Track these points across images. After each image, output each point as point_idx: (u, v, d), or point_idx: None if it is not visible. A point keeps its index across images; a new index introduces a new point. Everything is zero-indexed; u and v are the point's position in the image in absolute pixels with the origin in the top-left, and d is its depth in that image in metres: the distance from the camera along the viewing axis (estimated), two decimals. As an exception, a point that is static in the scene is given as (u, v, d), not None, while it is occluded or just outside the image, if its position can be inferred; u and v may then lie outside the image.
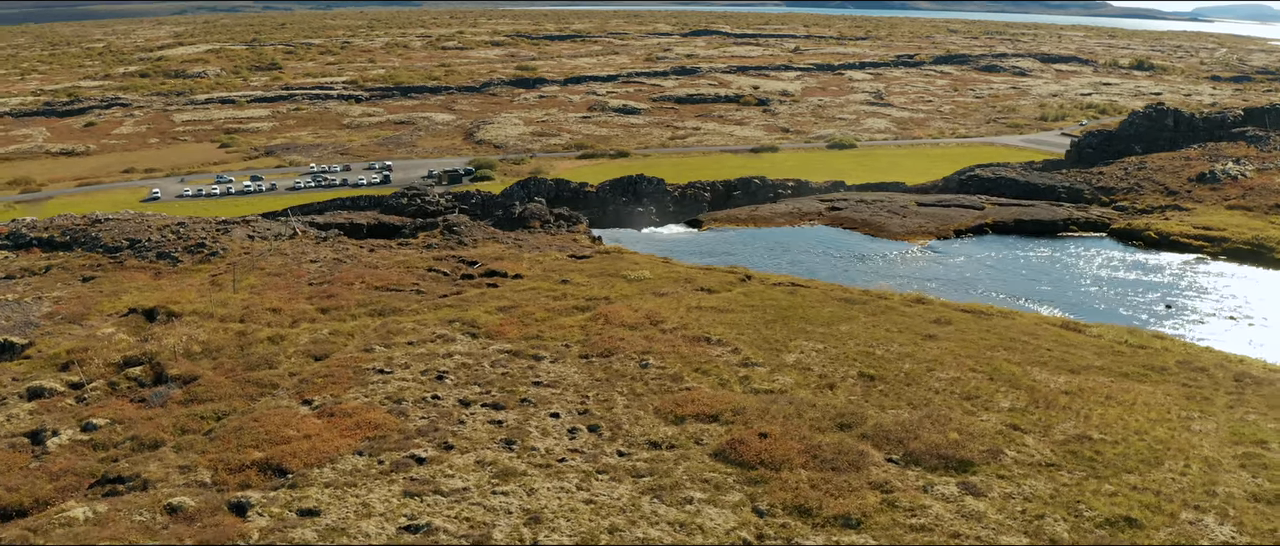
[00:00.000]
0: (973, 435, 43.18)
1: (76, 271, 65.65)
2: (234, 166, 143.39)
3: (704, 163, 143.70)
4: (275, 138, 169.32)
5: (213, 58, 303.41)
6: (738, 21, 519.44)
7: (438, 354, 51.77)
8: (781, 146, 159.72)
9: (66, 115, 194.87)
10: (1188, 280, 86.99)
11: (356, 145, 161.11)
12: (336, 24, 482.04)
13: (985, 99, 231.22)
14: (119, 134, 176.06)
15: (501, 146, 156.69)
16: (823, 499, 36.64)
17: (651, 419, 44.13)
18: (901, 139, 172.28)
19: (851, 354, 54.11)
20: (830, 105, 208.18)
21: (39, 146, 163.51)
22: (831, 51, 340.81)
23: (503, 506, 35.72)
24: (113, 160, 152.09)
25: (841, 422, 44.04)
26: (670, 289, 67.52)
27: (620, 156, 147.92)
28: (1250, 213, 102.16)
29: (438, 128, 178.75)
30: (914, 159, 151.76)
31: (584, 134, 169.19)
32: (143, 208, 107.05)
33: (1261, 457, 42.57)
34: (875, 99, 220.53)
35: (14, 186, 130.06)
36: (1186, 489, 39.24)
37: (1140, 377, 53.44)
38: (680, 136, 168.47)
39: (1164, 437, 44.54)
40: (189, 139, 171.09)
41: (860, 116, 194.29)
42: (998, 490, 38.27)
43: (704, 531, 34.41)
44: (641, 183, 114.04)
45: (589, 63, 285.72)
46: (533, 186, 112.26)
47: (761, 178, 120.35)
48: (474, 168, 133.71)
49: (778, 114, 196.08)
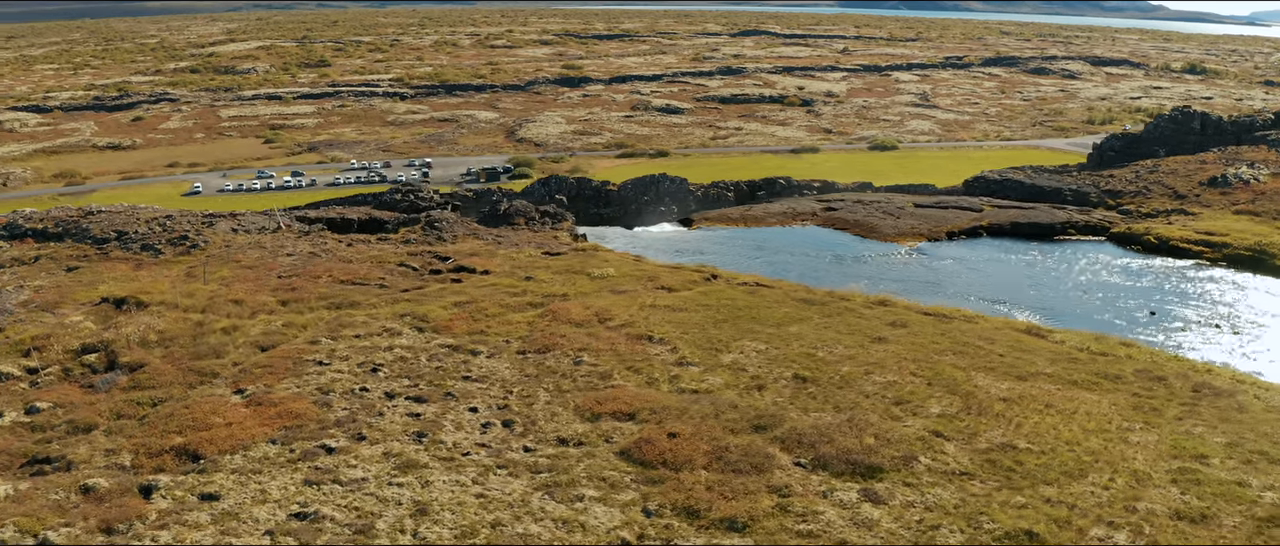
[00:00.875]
0: (891, 441, 42.75)
1: (63, 261, 68.51)
2: (276, 162, 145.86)
3: (741, 162, 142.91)
4: (319, 134, 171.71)
5: (263, 54, 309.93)
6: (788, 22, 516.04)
7: (380, 347, 52.93)
8: (822, 147, 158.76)
9: (115, 110, 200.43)
10: (1180, 286, 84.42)
11: (399, 142, 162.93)
12: (388, 22, 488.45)
13: (1032, 102, 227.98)
14: (166, 128, 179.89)
15: (542, 145, 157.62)
16: (714, 501, 36.71)
17: (568, 416, 44.60)
18: (944, 141, 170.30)
19: (792, 355, 53.86)
20: (875, 106, 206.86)
21: (86, 140, 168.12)
22: (880, 52, 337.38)
23: (394, 498, 36.55)
24: (158, 154, 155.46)
25: (758, 424, 43.96)
26: (630, 287, 67.83)
27: (660, 156, 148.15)
28: (1258, 218, 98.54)
29: (480, 126, 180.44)
30: (955, 161, 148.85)
31: (625, 133, 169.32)
32: (184, 202, 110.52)
33: (1197, 473, 41.42)
34: (920, 100, 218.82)
35: (59, 179, 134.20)
36: (1105, 503, 38.28)
37: (1090, 386, 52.23)
38: (722, 136, 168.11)
39: (1096, 449, 43.56)
40: (234, 134, 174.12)
41: (904, 118, 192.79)
42: (900, 498, 37.88)
43: (585, 529, 34.79)
44: (663, 181, 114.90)
45: (636, 62, 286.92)
46: (555, 184, 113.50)
47: (786, 178, 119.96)
48: (512, 165, 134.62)
49: (821, 115, 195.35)
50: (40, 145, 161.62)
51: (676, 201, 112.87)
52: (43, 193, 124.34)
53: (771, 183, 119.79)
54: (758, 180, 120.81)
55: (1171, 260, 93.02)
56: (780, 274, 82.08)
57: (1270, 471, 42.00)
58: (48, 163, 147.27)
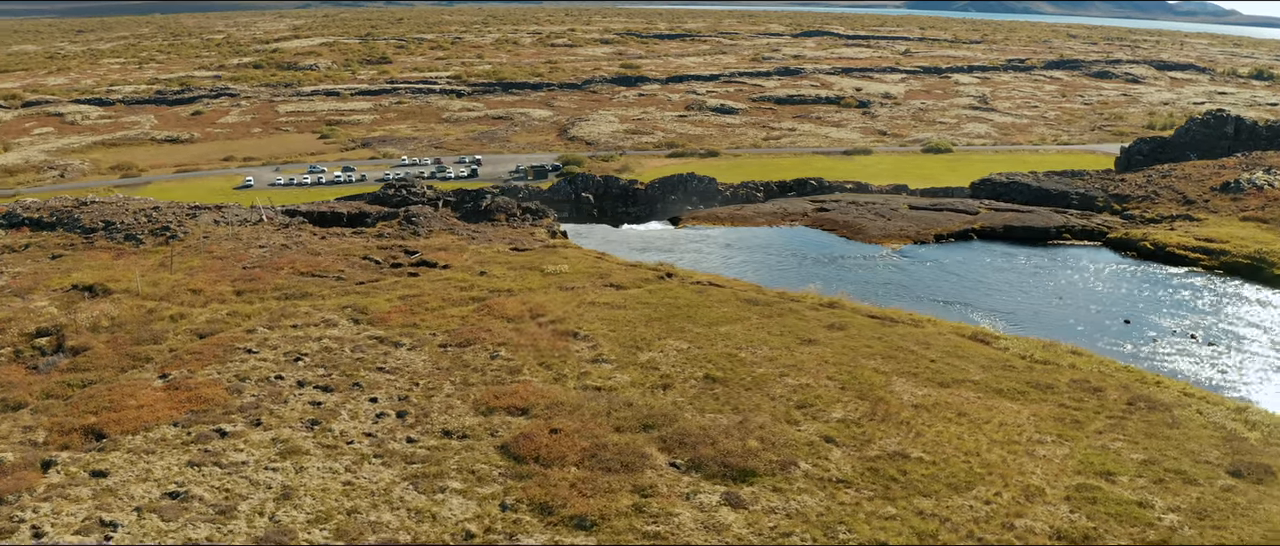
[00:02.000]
0: (775, 445, 42.65)
1: (50, 249, 72.45)
2: (330, 157, 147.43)
3: (790, 163, 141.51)
4: (374, 130, 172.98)
5: (325, 51, 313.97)
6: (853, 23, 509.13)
7: (311, 337, 54.82)
8: (875, 149, 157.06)
9: (176, 103, 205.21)
10: (1165, 294, 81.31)
11: (452, 139, 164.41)
12: (452, 20, 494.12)
13: (1093, 105, 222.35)
14: (224, 123, 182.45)
15: (593, 143, 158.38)
16: (572, 498, 37.27)
17: (463, 409, 45.63)
18: (1000, 145, 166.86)
19: (712, 355, 53.91)
20: (932, 109, 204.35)
21: (145, 133, 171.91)
22: (942, 54, 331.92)
23: (266, 481, 38.08)
24: (214, 148, 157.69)
25: (647, 423, 44.27)
26: (578, 283, 68.54)
27: (710, 156, 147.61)
28: (1266, 225, 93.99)
29: (534, 124, 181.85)
30: (1008, 164, 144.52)
31: (677, 133, 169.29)
32: (235, 195, 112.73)
33: (1097, 491, 40.12)
34: (979, 103, 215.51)
35: (116, 171, 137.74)
36: (981, 519, 37.43)
37: (1016, 395, 51.05)
38: (774, 137, 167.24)
39: (994, 461, 42.65)
40: (291, 129, 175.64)
41: (961, 121, 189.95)
42: (763, 503, 37.81)
43: (435, 520, 35.75)
44: (691, 180, 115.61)
45: (695, 62, 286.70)
46: (581, 182, 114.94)
47: (818, 179, 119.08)
48: (561, 163, 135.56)
49: (877, 116, 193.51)
50: (100, 137, 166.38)
51: (704, 200, 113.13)
52: (98, 184, 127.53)
53: (803, 183, 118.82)
54: (789, 181, 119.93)
55: (1165, 267, 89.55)
56: (748, 274, 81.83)
57: (1181, 492, 40.64)
58: (106, 155, 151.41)
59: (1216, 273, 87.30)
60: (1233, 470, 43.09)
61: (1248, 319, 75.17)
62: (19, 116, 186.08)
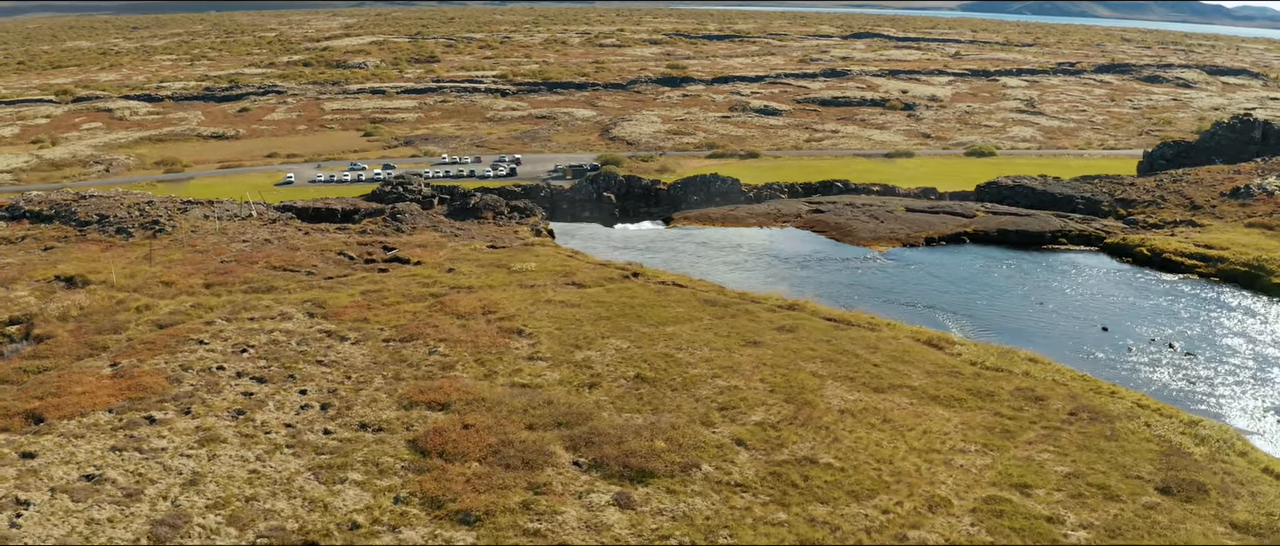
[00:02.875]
0: (683, 446, 42.80)
1: (45, 241, 75.87)
2: (372, 154, 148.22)
3: (830, 165, 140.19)
4: (418, 128, 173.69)
5: (375, 49, 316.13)
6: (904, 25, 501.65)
7: (264, 330, 56.57)
8: (918, 152, 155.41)
9: (224, 100, 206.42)
10: (1153, 301, 78.88)
11: (494, 138, 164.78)
12: (503, 19, 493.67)
13: (1142, 110, 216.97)
14: (270, 120, 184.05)
15: (634, 143, 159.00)
16: (464, 493, 37.96)
17: (388, 403, 46.70)
18: (1045, 148, 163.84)
19: (650, 355, 54.15)
20: (978, 112, 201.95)
21: (192, 129, 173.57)
22: (992, 57, 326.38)
23: (179, 467, 39.57)
24: (259, 145, 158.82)
25: (562, 421, 44.79)
26: (541, 281, 69.31)
27: (750, 157, 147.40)
28: (1271, 231, 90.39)
29: (577, 123, 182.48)
30: (1049, 168, 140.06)
31: (719, 134, 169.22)
32: (276, 192, 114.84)
33: (1007, 505, 39.13)
34: (1026, 107, 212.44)
35: (160, 166, 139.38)
36: (875, 528, 36.83)
37: (952, 403, 50.29)
38: (817, 139, 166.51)
39: (907, 470, 42.14)
40: (336, 127, 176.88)
41: (1007, 124, 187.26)
42: (652, 505, 38.01)
43: (327, 510, 36.76)
44: (715, 181, 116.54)
45: (742, 63, 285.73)
46: (603, 181, 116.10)
47: (844, 181, 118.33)
48: (600, 163, 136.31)
49: (922, 119, 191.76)
50: (147, 133, 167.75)
51: (727, 200, 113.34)
52: (142, 178, 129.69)
53: (828, 184, 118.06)
54: (814, 182, 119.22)
55: (1160, 273, 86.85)
56: (722, 275, 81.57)
57: (1099, 508, 39.61)
58: (152, 150, 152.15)
59: (1212, 280, 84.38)
60: (1163, 486, 41.96)
61: (1232, 328, 72.58)
62: (69, 111, 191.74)
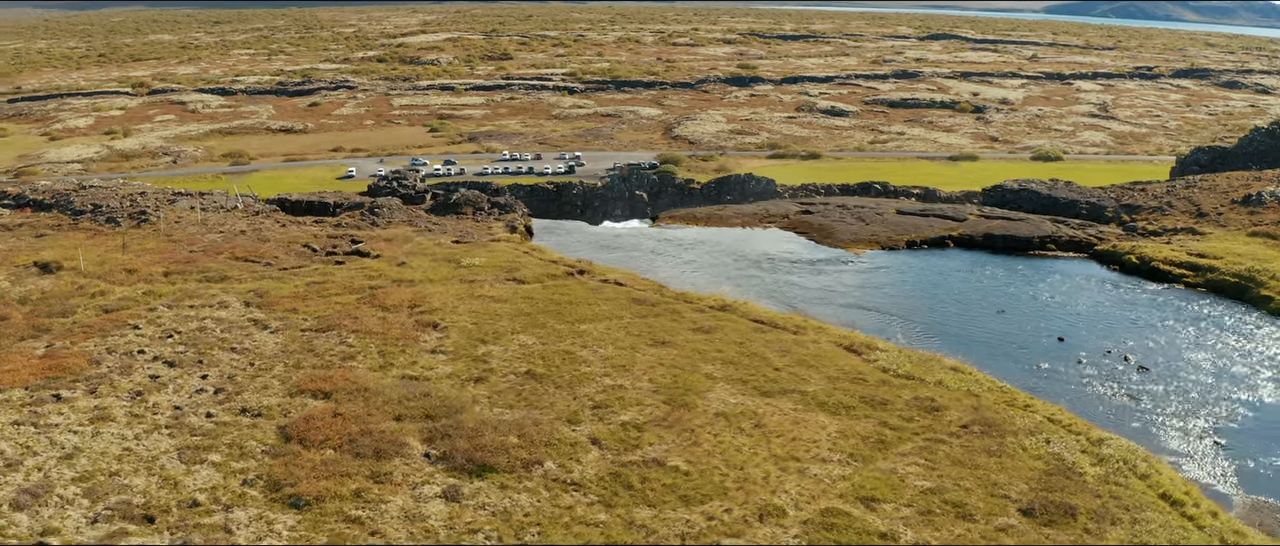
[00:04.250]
0: (536, 443, 43.54)
1: (39, 229, 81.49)
2: (435, 150, 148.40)
3: (891, 167, 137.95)
4: (483, 125, 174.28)
5: (449, 46, 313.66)
6: (984, 27, 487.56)
7: (196, 317, 59.68)
8: (983, 156, 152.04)
9: (295, 95, 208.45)
10: (1125, 312, 75.28)
11: (557, 136, 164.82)
12: (579, 17, 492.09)
13: (1217, 116, 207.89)
14: (339, 114, 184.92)
15: (696, 142, 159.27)
16: (305, 478, 39.51)
17: (278, 389, 48.79)
18: (1115, 154, 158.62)
19: (550, 352, 54.95)
20: (1048, 115, 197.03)
21: (262, 123, 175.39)
22: (1069, 60, 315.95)
23: (62, 442, 42.34)
24: (325, 139, 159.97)
25: (431, 413, 46.03)
26: (483, 277, 70.82)
27: (811, 158, 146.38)
28: (1274, 241, 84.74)
29: (642, 122, 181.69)
30: (1115, 174, 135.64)
31: (783, 134, 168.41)
32: (337, 185, 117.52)
33: (844, 518, 38.41)
34: (1099, 111, 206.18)
35: (227, 158, 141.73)
36: (692, 535, 36.73)
37: (839, 410, 49.44)
38: (881, 141, 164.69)
39: (756, 477, 41.69)
40: (403, 122, 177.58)
41: (1078, 128, 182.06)
42: (479, 499, 38.80)
43: (176, 488, 38.87)
44: (749, 181, 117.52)
45: (814, 63, 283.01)
46: (634, 180, 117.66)
47: (883, 183, 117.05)
48: (659, 162, 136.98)
49: (991, 122, 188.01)
50: (218, 126, 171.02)
51: (761, 200, 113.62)
52: (208, 171, 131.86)
53: (867, 186, 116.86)
54: (852, 184, 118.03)
55: (1145, 282, 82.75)
56: (681, 273, 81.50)
57: (944, 528, 38.55)
58: (220, 143, 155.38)
59: (1198, 291, 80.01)
60: (1027, 508, 40.59)
61: (1202, 343, 68.82)
62: (144, 104, 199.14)
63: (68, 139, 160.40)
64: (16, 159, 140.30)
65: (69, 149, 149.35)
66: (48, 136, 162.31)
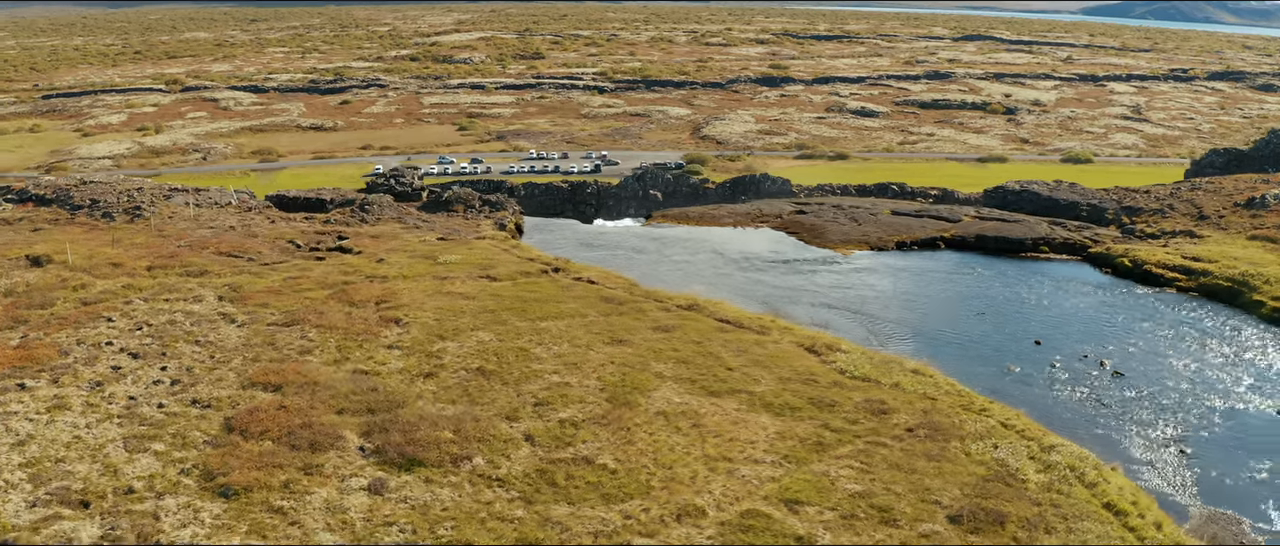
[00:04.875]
0: (471, 438, 43.98)
1: (37, 223, 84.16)
2: (463, 148, 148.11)
3: (919, 168, 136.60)
4: (512, 124, 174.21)
5: (481, 45, 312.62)
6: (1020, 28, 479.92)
7: (169, 310, 61.15)
8: (1012, 157, 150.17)
9: (327, 93, 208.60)
10: (1109, 316, 73.64)
11: (585, 135, 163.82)
12: (614, 17, 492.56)
13: (1252, 119, 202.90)
14: (369, 112, 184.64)
15: (724, 142, 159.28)
16: (239, 468, 40.38)
17: (232, 382, 49.89)
18: (1146, 157, 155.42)
19: (506, 349, 55.38)
20: (1080, 117, 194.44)
21: (292, 120, 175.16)
22: (1103, 62, 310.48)
23: (18, 429, 43.72)
24: (354, 137, 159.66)
25: (374, 408, 46.76)
26: (458, 274, 71.54)
27: (839, 158, 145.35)
28: (1273, 244, 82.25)
29: (670, 121, 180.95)
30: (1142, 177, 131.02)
31: (811, 134, 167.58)
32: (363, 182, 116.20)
33: (764, 520, 38.38)
34: (1132, 113, 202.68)
35: (256, 155, 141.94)
36: (605, 534, 37.03)
37: (784, 411, 49.13)
38: (910, 142, 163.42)
39: (683, 477, 41.71)
40: (432, 120, 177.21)
41: (1109, 131, 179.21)
42: (402, 493, 39.26)
43: (115, 475, 40.01)
44: (764, 181, 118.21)
45: (847, 64, 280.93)
46: (648, 179, 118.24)
47: (900, 184, 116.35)
48: (685, 162, 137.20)
49: (1022, 123, 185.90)
50: (249, 123, 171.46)
51: (776, 200, 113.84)
52: (237, 167, 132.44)
53: (883, 187, 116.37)
54: (868, 185, 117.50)
55: (1137, 286, 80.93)
56: (661, 273, 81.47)
57: (865, 533, 38.33)
58: (251, 140, 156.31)
59: (1190, 294, 78.05)
60: (955, 515, 40.11)
61: (1182, 349, 67.12)
62: (177, 100, 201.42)
63: (100, 135, 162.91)
64: (49, 154, 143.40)
65: (100, 145, 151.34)
66: (80, 132, 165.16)
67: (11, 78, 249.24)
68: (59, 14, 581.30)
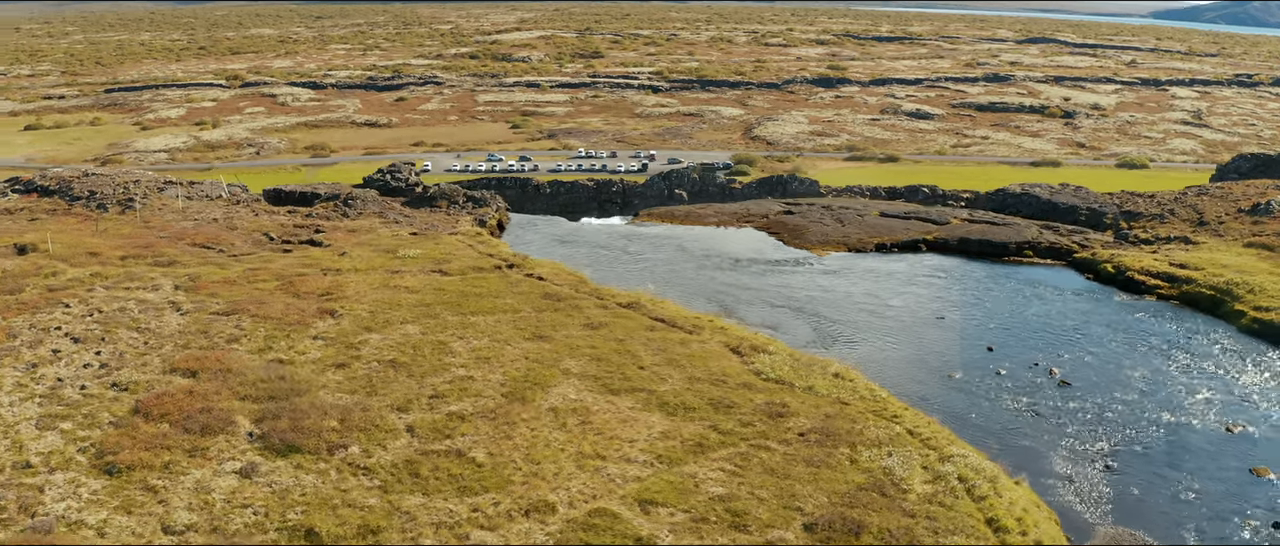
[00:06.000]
0: (355, 427, 45.07)
1: (36, 213, 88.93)
2: (514, 146, 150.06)
3: (971, 172, 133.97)
4: (565, 122, 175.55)
5: (541, 44, 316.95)
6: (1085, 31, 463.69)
7: (125, 298, 64.07)
8: (1066, 162, 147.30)
9: (384, 89, 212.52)
10: (1076, 324, 70.79)
11: (636, 134, 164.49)
12: (676, 17, 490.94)
13: None
14: (424, 110, 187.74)
15: (774, 143, 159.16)
16: (129, 448, 42.20)
17: (156, 366, 52.04)
18: (1203, 162, 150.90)
19: (426, 342, 56.41)
20: (1139, 122, 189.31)
21: (348, 116, 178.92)
22: (1167, 66, 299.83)
23: (-63, 408, 47.14)
24: (408, 133, 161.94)
25: (275, 395, 48.18)
26: (410, 268, 73.02)
27: (889, 161, 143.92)
28: (1270, 252, 77.72)
29: (723, 122, 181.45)
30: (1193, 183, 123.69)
31: (864, 136, 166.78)
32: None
33: (609, 520, 38.40)
34: (1192, 118, 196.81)
35: (309, 151, 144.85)
36: (447, 525, 37.65)
37: (678, 411, 48.90)
38: (964, 145, 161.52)
39: (547, 473, 42.02)
40: (486, 118, 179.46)
41: (1168, 136, 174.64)
42: (270, 478, 40.45)
43: (20, 451, 42.25)
44: (792, 182, 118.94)
45: (906, 66, 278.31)
46: (675, 178, 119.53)
47: (932, 187, 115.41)
48: (733, 162, 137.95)
49: (1079, 127, 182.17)
50: (305, 118, 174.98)
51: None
52: (289, 162, 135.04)
53: (914, 189, 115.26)
54: (899, 187, 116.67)
55: (1116, 293, 77.70)
56: (616, 271, 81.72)
57: (711, 536, 38.09)
58: (305, 135, 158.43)
59: (1170, 302, 74.55)
60: (812, 523, 39.39)
61: (1143, 360, 64.16)
62: (236, 96, 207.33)
63: (158, 129, 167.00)
64: (106, 147, 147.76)
65: (157, 138, 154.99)
66: (139, 126, 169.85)
67: (77, 72, 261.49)
68: (128, 11, 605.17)
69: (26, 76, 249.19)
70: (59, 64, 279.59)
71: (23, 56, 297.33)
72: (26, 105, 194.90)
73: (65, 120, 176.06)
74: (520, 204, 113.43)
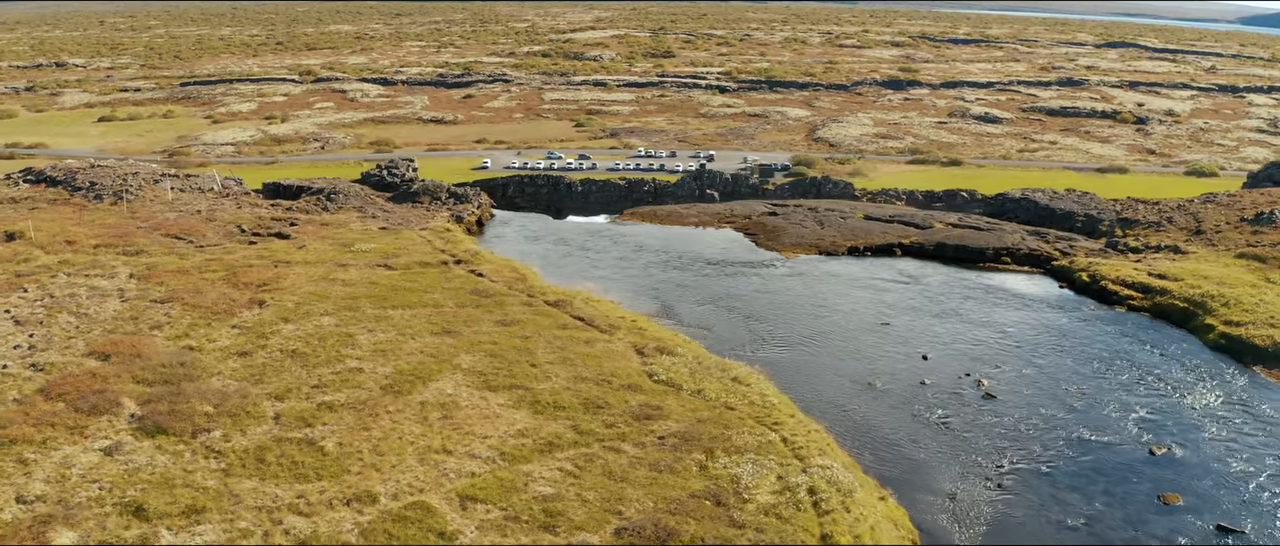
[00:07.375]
0: (224, 413, 46.63)
1: (37, 203, 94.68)
2: (575, 144, 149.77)
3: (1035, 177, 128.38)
4: (629, 121, 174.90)
5: (613, 42, 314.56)
6: (1168, 36, 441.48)
7: (80, 283, 67.78)
8: (1134, 169, 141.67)
9: (453, 87, 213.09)
10: (1028, 335, 67.28)
11: (698, 134, 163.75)
12: (752, 17, 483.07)
13: None
14: (490, 107, 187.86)
15: (836, 145, 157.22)
16: (18, 425, 44.57)
17: (78, 350, 54.75)
18: None
19: (334, 334, 57.73)
20: (1213, 129, 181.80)
21: (415, 113, 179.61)
22: (1247, 73, 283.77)
23: None
24: (472, 130, 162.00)
25: (170, 380, 50.29)
26: (360, 262, 74.83)
27: (952, 164, 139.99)
28: (1261, 264, 72.09)
29: (787, 123, 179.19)
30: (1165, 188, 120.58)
31: (929, 139, 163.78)
32: (471, 175, 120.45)
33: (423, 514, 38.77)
34: (1268, 126, 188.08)
35: (373, 146, 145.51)
36: (270, 508, 38.79)
37: (545, 409, 48.98)
38: (1031, 149, 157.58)
39: (385, 466, 42.83)
40: (551, 116, 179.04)
41: (1241, 144, 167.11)
42: (126, 457, 42.34)
43: (-91, 424, 45.93)
44: (825, 183, 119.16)
45: (980, 68, 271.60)
46: (706, 179, 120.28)
47: (970, 191, 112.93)
48: (791, 163, 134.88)
49: (1151, 134, 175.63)
50: (373, 114, 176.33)
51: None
52: (353, 157, 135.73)
53: (952, 194, 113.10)
54: (937, 191, 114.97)
55: (1088, 303, 73.75)
56: (570, 269, 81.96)
57: (517, 535, 38.20)
58: (371, 131, 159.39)
59: (1141, 315, 70.13)
60: (624, 528, 38.69)
61: (1084, 376, 60.61)
62: (307, 91, 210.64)
63: (228, 122, 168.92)
64: (176, 140, 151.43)
65: (226, 132, 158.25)
66: (211, 119, 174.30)
67: (155, 64, 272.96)
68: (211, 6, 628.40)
69: (107, 68, 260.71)
70: (138, 57, 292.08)
71: (104, 49, 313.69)
72: (103, 97, 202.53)
73: (139, 113, 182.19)
74: (552, 203, 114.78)
